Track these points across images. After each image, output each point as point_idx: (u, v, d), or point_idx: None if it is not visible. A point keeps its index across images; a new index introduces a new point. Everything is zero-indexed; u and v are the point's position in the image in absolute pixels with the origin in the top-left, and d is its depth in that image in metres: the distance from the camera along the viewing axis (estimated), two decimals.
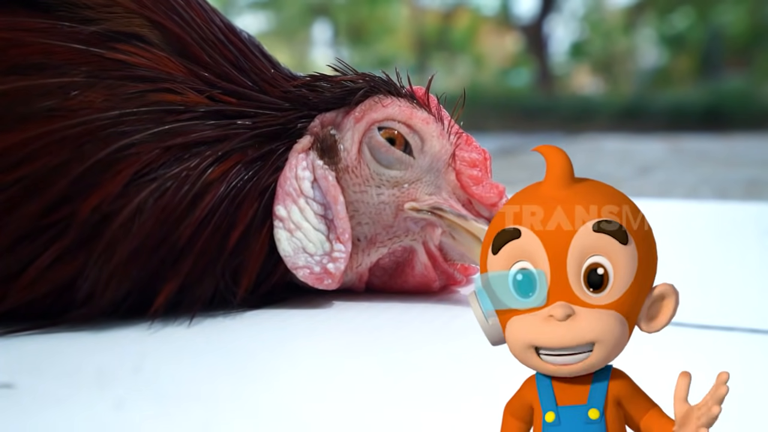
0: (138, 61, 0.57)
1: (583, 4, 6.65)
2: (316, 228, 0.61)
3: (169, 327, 0.56)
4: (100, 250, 0.55)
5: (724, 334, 0.54)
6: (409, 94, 0.63)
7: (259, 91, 0.61)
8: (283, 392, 0.45)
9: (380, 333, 0.56)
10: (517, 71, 6.48)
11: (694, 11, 6.09)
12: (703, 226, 1.06)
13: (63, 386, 0.44)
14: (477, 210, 0.62)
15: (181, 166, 0.57)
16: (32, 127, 0.54)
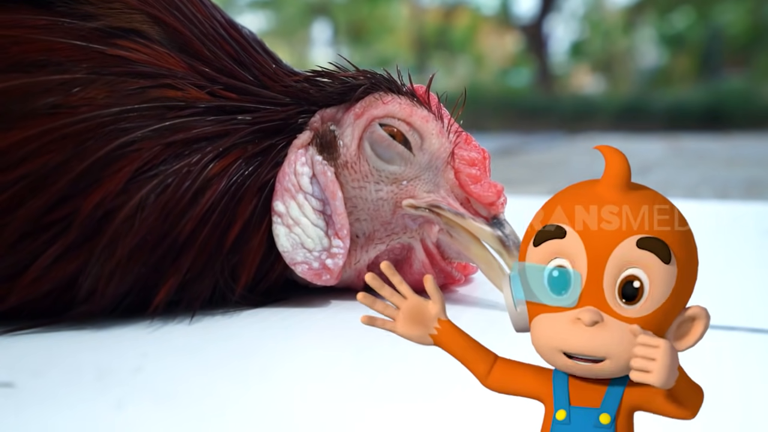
0: (139, 57, 0.57)
1: (582, 4, 6.65)
2: (314, 224, 0.61)
3: (169, 325, 0.56)
4: (102, 247, 0.55)
5: (724, 334, 0.54)
6: (410, 92, 0.63)
7: (259, 85, 0.61)
8: (282, 391, 0.44)
9: (380, 332, 0.56)
10: (516, 71, 6.48)
11: (694, 11, 6.09)
12: (703, 226, 1.06)
13: (63, 385, 0.44)
14: (475, 209, 0.62)
15: (181, 162, 0.57)
16: (34, 125, 0.54)
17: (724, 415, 0.27)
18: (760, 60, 5.68)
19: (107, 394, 0.43)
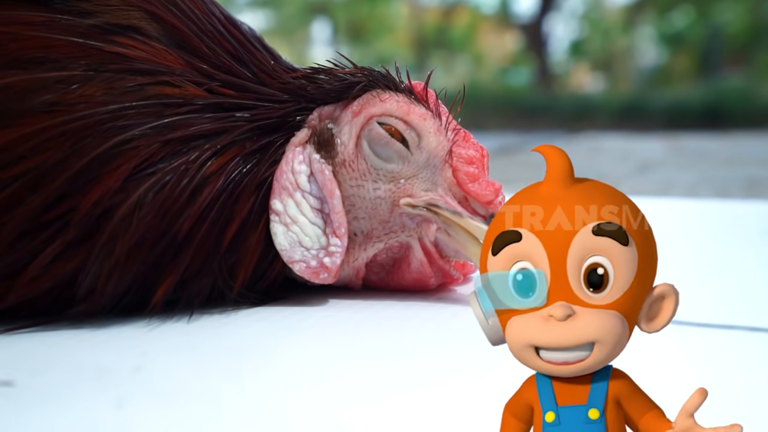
0: (136, 54, 0.57)
1: (582, 3, 6.65)
2: (312, 222, 0.60)
3: (168, 324, 0.56)
4: (100, 245, 0.55)
5: (723, 333, 0.54)
6: (408, 89, 0.62)
7: (258, 82, 0.61)
8: (281, 389, 0.44)
9: (379, 331, 0.56)
10: (516, 70, 6.48)
11: (694, 10, 6.10)
12: (702, 225, 1.06)
13: (63, 384, 0.44)
14: (473, 207, 0.62)
15: (180, 160, 0.57)
16: (31, 123, 0.54)
17: (723, 414, 0.27)
18: (759, 59, 5.68)
19: (107, 393, 0.43)
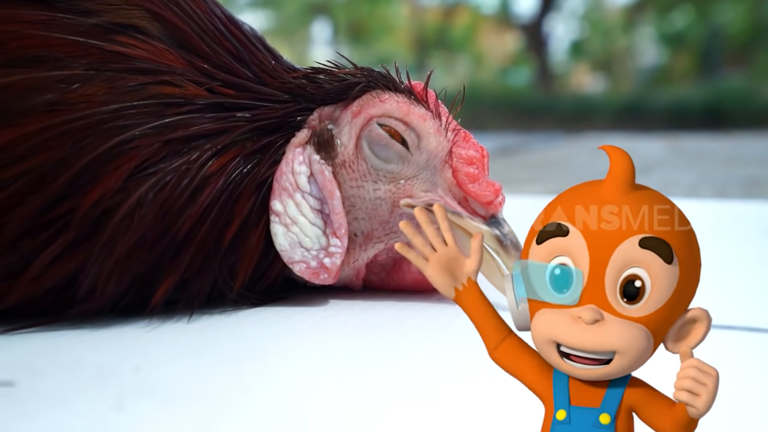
0: (138, 54, 0.57)
1: (582, 3, 6.65)
2: (312, 223, 0.60)
3: (168, 325, 0.56)
4: (101, 245, 0.55)
5: (723, 333, 0.54)
6: (408, 89, 0.62)
7: (258, 82, 0.61)
8: (282, 390, 0.44)
9: (379, 331, 0.56)
10: (516, 70, 6.48)
11: (694, 10, 6.09)
12: (703, 225, 1.06)
13: (63, 384, 0.44)
14: (473, 208, 0.62)
15: (180, 160, 0.57)
16: (33, 122, 0.54)
17: (723, 414, 0.27)
18: (759, 59, 5.68)
19: (107, 393, 0.43)
